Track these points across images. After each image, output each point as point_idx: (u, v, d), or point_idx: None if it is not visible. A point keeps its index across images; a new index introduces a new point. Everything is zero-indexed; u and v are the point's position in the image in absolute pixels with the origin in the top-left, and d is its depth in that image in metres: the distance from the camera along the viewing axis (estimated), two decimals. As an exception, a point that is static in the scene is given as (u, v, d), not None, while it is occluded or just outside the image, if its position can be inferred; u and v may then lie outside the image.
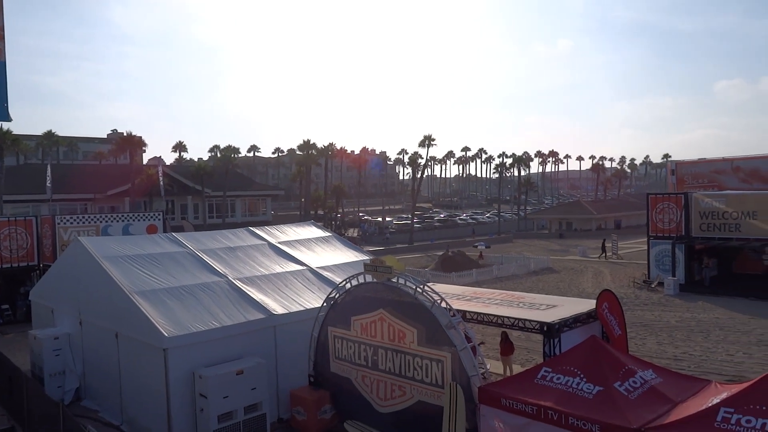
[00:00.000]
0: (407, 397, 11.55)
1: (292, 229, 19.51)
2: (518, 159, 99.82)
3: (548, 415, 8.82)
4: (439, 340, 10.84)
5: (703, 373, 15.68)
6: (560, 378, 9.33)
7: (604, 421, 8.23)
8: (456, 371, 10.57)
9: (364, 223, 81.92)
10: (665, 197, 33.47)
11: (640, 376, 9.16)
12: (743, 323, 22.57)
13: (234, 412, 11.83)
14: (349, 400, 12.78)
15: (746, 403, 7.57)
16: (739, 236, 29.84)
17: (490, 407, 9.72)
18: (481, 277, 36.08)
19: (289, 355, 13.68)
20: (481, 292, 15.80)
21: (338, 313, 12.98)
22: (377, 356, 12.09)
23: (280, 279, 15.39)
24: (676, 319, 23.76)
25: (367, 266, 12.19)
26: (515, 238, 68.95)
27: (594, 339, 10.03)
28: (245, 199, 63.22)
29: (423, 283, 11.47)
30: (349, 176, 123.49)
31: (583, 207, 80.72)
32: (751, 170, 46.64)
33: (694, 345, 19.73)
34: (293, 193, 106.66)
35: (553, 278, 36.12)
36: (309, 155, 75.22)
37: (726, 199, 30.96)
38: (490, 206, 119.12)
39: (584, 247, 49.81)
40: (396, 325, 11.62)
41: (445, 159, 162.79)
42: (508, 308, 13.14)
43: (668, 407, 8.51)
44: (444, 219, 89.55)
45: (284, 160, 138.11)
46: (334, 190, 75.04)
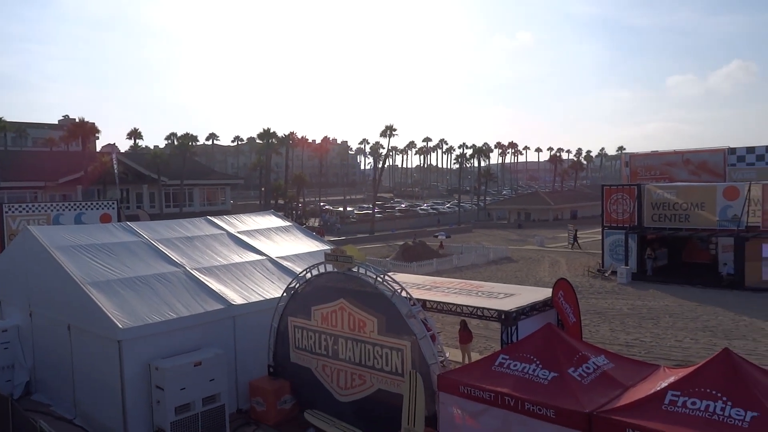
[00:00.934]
0: (367, 386, 11.63)
1: (252, 218, 19.28)
2: (478, 150, 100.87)
3: (505, 401, 9.01)
4: (399, 329, 10.93)
5: (653, 359, 16.27)
6: (517, 365, 9.53)
7: (558, 406, 8.45)
8: (416, 359, 10.69)
9: (326, 213, 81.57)
10: (619, 188, 34.42)
11: (593, 362, 9.44)
12: (691, 310, 23.47)
13: (192, 403, 11.68)
14: (309, 389, 12.78)
15: (692, 386, 7.89)
16: (688, 226, 30.96)
17: (449, 394, 9.86)
18: (442, 267, 36.44)
19: (248, 345, 13.56)
20: (441, 281, 15.98)
21: (298, 302, 12.93)
22: (337, 346, 12.11)
23: (239, 269, 15.21)
24: (628, 306, 24.52)
25: (328, 256, 12.17)
26: (475, 228, 69.82)
27: (549, 327, 10.26)
28: (203, 188, 62.09)
29: (383, 272, 11.53)
30: (310, 166, 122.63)
31: (541, 198, 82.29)
32: (699, 163, 48.31)
33: (644, 331, 20.42)
34: (253, 183, 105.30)
35: (511, 267, 36.76)
36: (269, 144, 74.22)
37: (676, 190, 32.05)
38: (451, 196, 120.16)
39: (542, 237, 50.80)
40: (356, 315, 11.65)
41: (407, 149, 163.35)
42: (467, 297, 13.33)
43: (619, 391, 8.80)
44: (405, 209, 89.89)
45: (244, 149, 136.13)
46: (295, 179, 74.40)
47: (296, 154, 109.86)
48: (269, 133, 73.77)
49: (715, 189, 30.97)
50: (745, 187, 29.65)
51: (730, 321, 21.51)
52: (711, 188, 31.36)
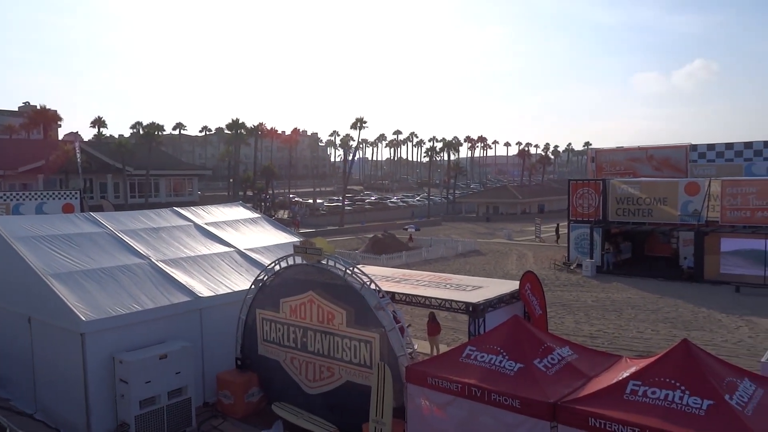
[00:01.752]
0: (336, 378, 11.64)
1: (220, 209, 19.04)
2: (448, 144, 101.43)
3: (472, 392, 9.12)
4: (368, 321, 10.97)
5: (616, 349, 16.67)
6: (484, 356, 9.65)
7: (523, 396, 8.60)
8: (384, 351, 10.74)
9: (295, 204, 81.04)
10: (585, 183, 35.08)
11: (558, 353, 9.62)
12: (652, 302, 24.10)
13: (157, 397, 11.53)
14: (278, 382, 12.74)
15: (652, 376, 8.11)
16: (650, 221, 31.74)
17: (417, 386, 9.94)
18: (411, 260, 36.62)
19: (215, 338, 13.42)
20: (410, 273, 16.06)
21: (267, 295, 12.85)
22: (306, 338, 12.09)
23: (207, 261, 15.03)
24: (593, 298, 25.06)
25: (297, 248, 12.12)
26: (444, 221, 70.30)
27: (516, 318, 10.41)
28: (170, 179, 61.00)
29: (353, 265, 11.54)
30: (279, 157, 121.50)
31: (510, 192, 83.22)
32: (662, 159, 49.46)
33: (608, 323, 20.90)
34: (221, 174, 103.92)
35: (479, 260, 37.16)
36: (238, 135, 73.21)
37: (640, 185, 32.80)
38: (421, 190, 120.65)
39: (510, 231, 51.47)
40: (325, 307, 11.64)
41: (377, 142, 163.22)
42: (435, 289, 13.44)
43: (583, 381, 8.99)
44: (375, 201, 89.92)
45: (212, 139, 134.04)
46: (264, 170, 73.65)
47: (265, 145, 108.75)
48: (238, 124, 72.77)
49: (677, 184, 31.80)
50: (705, 183, 30.53)
51: (689, 313, 22.16)
52: (673, 184, 32.19)
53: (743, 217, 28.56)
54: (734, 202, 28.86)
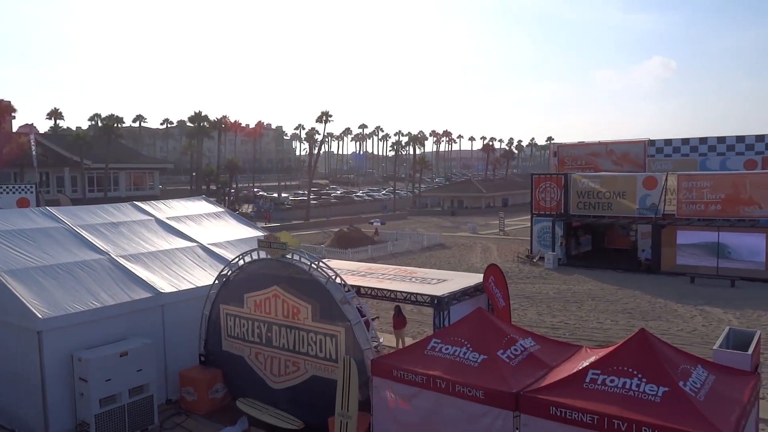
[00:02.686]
0: (301, 373, 11.62)
1: (182, 204, 18.72)
2: (414, 138, 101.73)
3: (437, 383, 9.23)
4: (333, 316, 10.97)
5: (577, 340, 17.07)
6: (448, 348, 9.77)
7: (487, 387, 8.75)
8: (350, 345, 10.76)
9: (259, 199, 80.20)
10: (547, 177, 35.70)
11: (521, 344, 9.80)
12: (612, 293, 24.74)
13: (118, 395, 11.31)
14: (242, 377, 12.64)
15: (610, 364, 8.34)
16: (610, 214, 32.53)
17: (383, 379, 10.00)
18: (376, 253, 36.70)
19: (178, 334, 13.22)
20: (376, 267, 16.12)
21: (231, 290, 12.73)
22: (271, 333, 12.02)
23: (168, 256, 14.76)
24: (555, 290, 25.57)
25: (261, 242, 12.03)
26: (409, 215, 70.61)
27: (480, 311, 10.56)
28: (130, 173, 59.65)
29: (318, 259, 11.51)
30: (243, 151, 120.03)
31: (474, 186, 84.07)
32: (622, 153, 50.69)
33: (569, 314, 21.36)
34: (183, 167, 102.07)
35: (444, 254, 37.48)
36: (200, 127, 71.91)
37: (600, 180, 33.56)
38: (386, 183, 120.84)
39: (474, 224, 52.01)
40: (290, 302, 11.59)
41: (343, 135, 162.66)
42: (401, 283, 13.52)
43: (544, 371, 9.19)
44: (341, 195, 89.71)
45: (173, 132, 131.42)
46: (228, 164, 72.63)
47: (229, 138, 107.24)
48: (201, 117, 71.52)
49: (635, 179, 32.64)
50: (662, 177, 31.42)
51: (647, 303, 22.83)
52: (632, 178, 33.03)
53: (698, 211, 29.52)
54: (689, 196, 29.78)
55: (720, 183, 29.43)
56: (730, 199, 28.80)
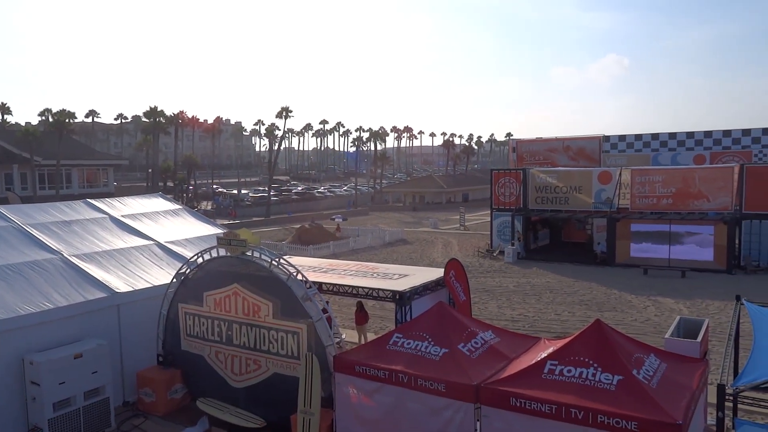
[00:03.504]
0: (263, 371, 11.52)
1: (137, 201, 18.27)
2: (375, 133, 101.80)
3: (399, 378, 9.29)
4: (295, 313, 10.90)
5: (536, 332, 17.41)
6: (410, 343, 9.84)
7: (449, 380, 8.86)
8: (312, 342, 10.72)
9: (219, 195, 78.93)
10: (506, 173, 36.25)
11: (481, 337, 9.96)
12: (569, 286, 25.32)
13: (72, 398, 10.99)
14: (202, 377, 12.46)
15: (567, 355, 8.56)
16: (567, 208, 33.26)
17: (345, 374, 10.02)
18: (338, 250, 36.63)
19: (135, 334, 12.92)
20: (337, 263, 16.09)
21: (189, 289, 12.51)
22: (231, 331, 11.87)
23: (124, 255, 14.40)
24: (514, 284, 26.01)
25: (221, 240, 11.85)
26: (371, 211, 70.66)
27: (441, 305, 10.67)
28: (83, 169, 57.83)
29: (279, 256, 11.42)
30: (202, 147, 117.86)
31: (435, 181, 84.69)
32: (578, 149, 51.90)
33: (528, 307, 21.78)
34: (139, 164, 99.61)
35: (406, 249, 37.66)
36: (156, 123, 70.22)
37: (557, 175, 34.26)
38: (348, 179, 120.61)
39: (435, 219, 52.42)
40: (251, 299, 11.47)
41: (303, 131, 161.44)
42: (362, 279, 13.53)
43: (504, 363, 9.36)
44: (302, 192, 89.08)
45: (128, 128, 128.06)
46: (185, 160, 71.20)
47: (187, 134, 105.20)
48: (156, 111, 69.88)
49: (591, 174, 33.45)
50: (616, 172, 32.29)
51: (602, 295, 23.45)
52: (587, 173, 33.84)
53: (650, 204, 30.46)
54: (642, 190, 30.70)
55: (671, 177, 30.43)
56: (680, 193, 29.81)
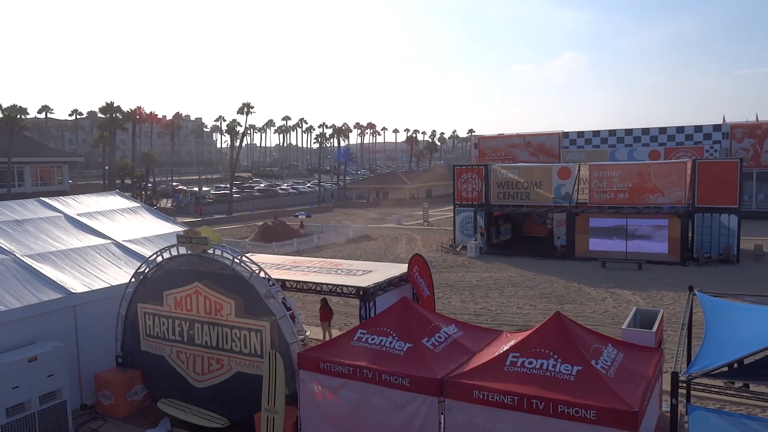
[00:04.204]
0: (225, 370, 11.38)
1: (94, 199, 17.79)
2: (338, 130, 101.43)
3: (363, 373, 9.31)
4: (257, 310, 10.80)
5: (498, 325, 17.68)
6: (375, 338, 9.87)
7: (413, 375, 8.92)
8: (275, 339, 10.65)
9: (179, 193, 77.41)
10: (469, 168, 36.60)
11: (445, 332, 10.05)
12: (530, 279, 25.76)
13: (27, 402, 10.66)
14: (163, 378, 12.23)
15: (529, 347, 8.72)
16: (528, 203, 33.80)
17: (309, 371, 9.98)
18: (302, 246, 36.41)
19: (93, 336, 12.59)
20: (301, 260, 16.01)
21: (149, 288, 12.26)
22: (193, 331, 11.69)
23: (80, 254, 14.00)
24: (477, 278, 26.32)
25: (181, 238, 11.64)
26: (335, 207, 70.42)
27: (405, 300, 10.72)
28: (36, 167, 55.90)
29: (241, 253, 11.29)
30: (161, 143, 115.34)
31: (399, 177, 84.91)
32: (538, 145, 52.94)
33: (491, 301, 22.08)
34: (95, 161, 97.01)
35: (370, 245, 37.69)
36: (113, 119, 68.31)
37: (518, 170, 34.79)
38: (311, 176, 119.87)
39: (399, 215, 52.57)
40: (213, 298, 11.31)
41: (265, 127, 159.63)
42: (326, 275, 13.49)
43: (467, 357, 9.48)
44: (264, 189, 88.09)
45: (83, 124, 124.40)
46: (144, 157, 69.55)
47: (145, 130, 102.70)
48: (113, 107, 67.97)
49: (550, 169, 34.09)
50: (575, 168, 32.97)
51: (562, 288, 23.95)
52: (547, 168, 34.47)
53: (608, 199, 31.22)
54: (600, 185, 31.45)
55: (627, 172, 31.25)
56: (636, 187, 30.65)
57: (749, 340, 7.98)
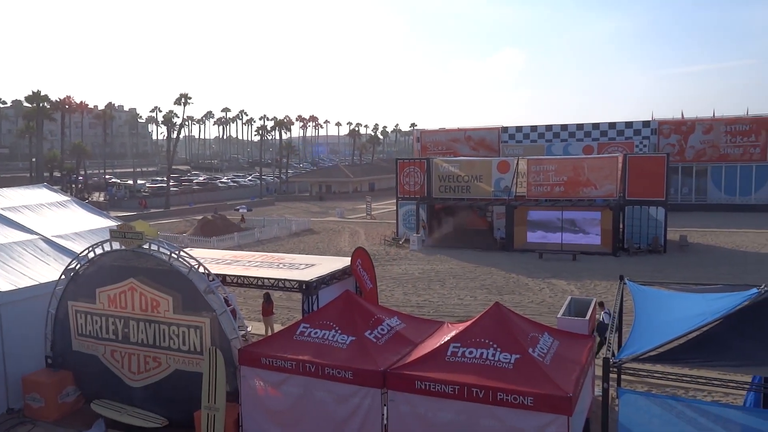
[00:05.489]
0: (163, 368, 11.08)
1: (19, 192, 16.88)
2: (279, 122, 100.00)
3: (306, 368, 9.27)
4: (197, 306, 10.56)
5: (440, 316, 17.94)
6: (317, 332, 9.84)
7: (356, 367, 8.95)
8: (216, 336, 10.44)
9: (112, 186, 74.45)
10: (411, 162, 36.91)
11: (387, 324, 10.13)
12: (471, 271, 26.27)
13: (-54, 409, 10.03)
14: (97, 378, 11.79)
15: (469, 337, 8.91)
16: (469, 197, 34.41)
17: (251, 367, 9.85)
18: (243, 241, 35.81)
19: (19, 336, 11.98)
20: (242, 255, 15.74)
21: (80, 285, 11.77)
22: (128, 329, 11.32)
23: (5, 251, 13.25)
24: (419, 271, 26.62)
25: (114, 233, 11.23)
26: (277, 201, 69.53)
27: (347, 293, 10.73)
28: (-46, 158, 52.52)
29: (179, 248, 10.99)
30: (92, 134, 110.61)
31: (341, 171, 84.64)
32: (479, 139, 53.98)
33: (433, 293, 22.39)
34: (21, 152, 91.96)
35: (313, 239, 37.46)
36: (40, 108, 64.85)
37: (459, 164, 35.34)
38: (252, 169, 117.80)
39: (342, 209, 52.48)
40: (149, 294, 10.97)
41: (204, 119, 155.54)
42: (268, 270, 13.31)
43: (410, 348, 9.59)
44: (204, 182, 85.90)
45: (7, 113, 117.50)
46: (74, 149, 66.47)
47: (75, 121, 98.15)
48: (39, 96, 64.54)
49: (490, 163, 34.79)
50: (514, 162, 33.80)
51: (502, 279, 24.55)
52: (487, 162, 35.17)
53: (545, 192, 32.18)
54: (537, 179, 32.36)
55: (563, 167, 32.29)
56: (571, 181, 31.71)
57: (674, 326, 8.43)
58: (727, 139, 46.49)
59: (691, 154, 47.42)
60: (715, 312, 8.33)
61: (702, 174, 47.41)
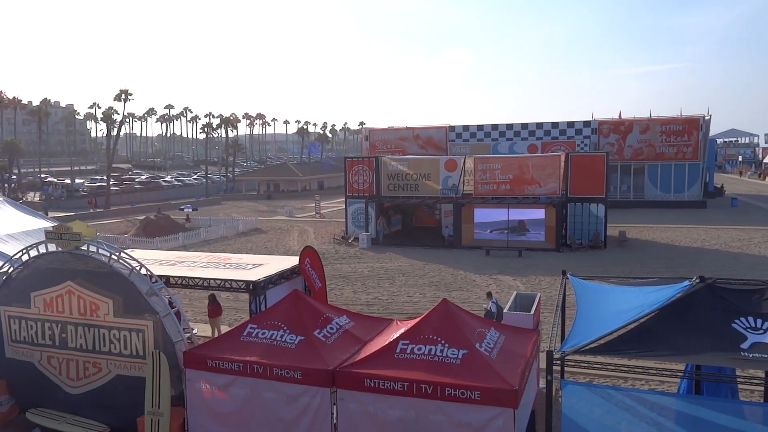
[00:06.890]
0: (104, 374, 10.71)
1: (-55, 193, 15.96)
2: (225, 120, 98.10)
3: (254, 369, 9.14)
4: (139, 309, 10.25)
5: (390, 314, 18.02)
6: (265, 333, 9.71)
7: (305, 367, 8.88)
8: (159, 339, 10.16)
9: (48, 185, 71.31)
10: (360, 161, 36.89)
11: (336, 323, 10.10)
12: (420, 269, 26.50)
13: None
14: (33, 386, 11.28)
15: (417, 334, 8.98)
16: (417, 195, 34.69)
17: (197, 370, 9.64)
18: (189, 241, 34.97)
19: (-55, 345, 11.32)
20: (187, 255, 15.39)
21: (13, 289, 11.24)
22: (65, 333, 10.88)
23: (-71, 254, 12.51)
24: (369, 269, 26.66)
25: (50, 234, 10.75)
26: (224, 200, 68.21)
27: (296, 293, 10.64)
28: None
29: (119, 250, 10.64)
30: (26, 131, 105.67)
31: (290, 169, 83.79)
32: (427, 138, 54.50)
33: (382, 291, 22.46)
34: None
35: (261, 238, 36.95)
36: (-32, 104, 61.68)
37: (407, 163, 35.57)
38: (197, 168, 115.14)
39: (291, 208, 51.95)
40: (87, 298, 10.57)
41: (146, 116, 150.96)
42: (214, 270, 13.07)
43: (359, 346, 9.59)
44: (146, 181, 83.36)
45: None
46: (6, 146, 63.36)
47: (7, 117, 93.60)
48: (-32, 91, 61.23)
49: (438, 162, 35.18)
50: (461, 160, 34.28)
51: (450, 275, 24.87)
52: (435, 161, 35.54)
53: (491, 190, 32.79)
54: (484, 177, 32.94)
55: (508, 165, 32.97)
56: (516, 179, 32.42)
57: (613, 318, 8.75)
58: (663, 138, 48.57)
59: (629, 153, 49.29)
60: (651, 304, 8.71)
61: (639, 172, 49.39)
